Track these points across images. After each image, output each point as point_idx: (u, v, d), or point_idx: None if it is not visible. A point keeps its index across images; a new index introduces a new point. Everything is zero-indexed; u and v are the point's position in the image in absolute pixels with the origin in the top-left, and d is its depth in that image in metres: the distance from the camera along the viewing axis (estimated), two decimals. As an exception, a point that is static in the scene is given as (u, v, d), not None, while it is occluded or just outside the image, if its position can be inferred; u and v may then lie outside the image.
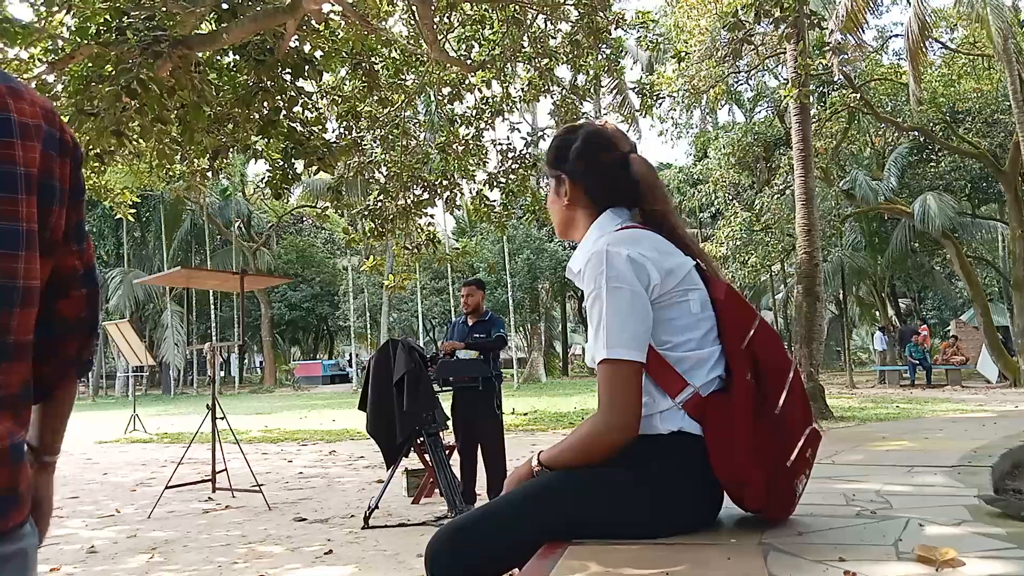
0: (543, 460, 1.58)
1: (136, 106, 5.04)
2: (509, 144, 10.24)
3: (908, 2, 15.51)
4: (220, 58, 6.99)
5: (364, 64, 7.98)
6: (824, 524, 1.70)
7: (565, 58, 8.87)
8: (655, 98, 10.13)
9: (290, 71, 6.26)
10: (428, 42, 7.75)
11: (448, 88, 9.51)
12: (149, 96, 4.89)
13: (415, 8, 7.76)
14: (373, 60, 8.32)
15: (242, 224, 32.55)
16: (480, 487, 5.54)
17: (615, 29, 8.66)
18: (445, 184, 10.12)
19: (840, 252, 21.52)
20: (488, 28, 8.81)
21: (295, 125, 6.79)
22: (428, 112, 15.65)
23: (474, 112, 9.86)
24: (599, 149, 1.67)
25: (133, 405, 13.70)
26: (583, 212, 1.69)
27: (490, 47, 8.77)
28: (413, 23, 8.75)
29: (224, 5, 5.81)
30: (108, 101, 4.93)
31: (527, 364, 28.17)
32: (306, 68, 6.23)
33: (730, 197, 21.05)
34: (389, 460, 5.43)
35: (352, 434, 10.94)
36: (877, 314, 28.08)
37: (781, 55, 14.31)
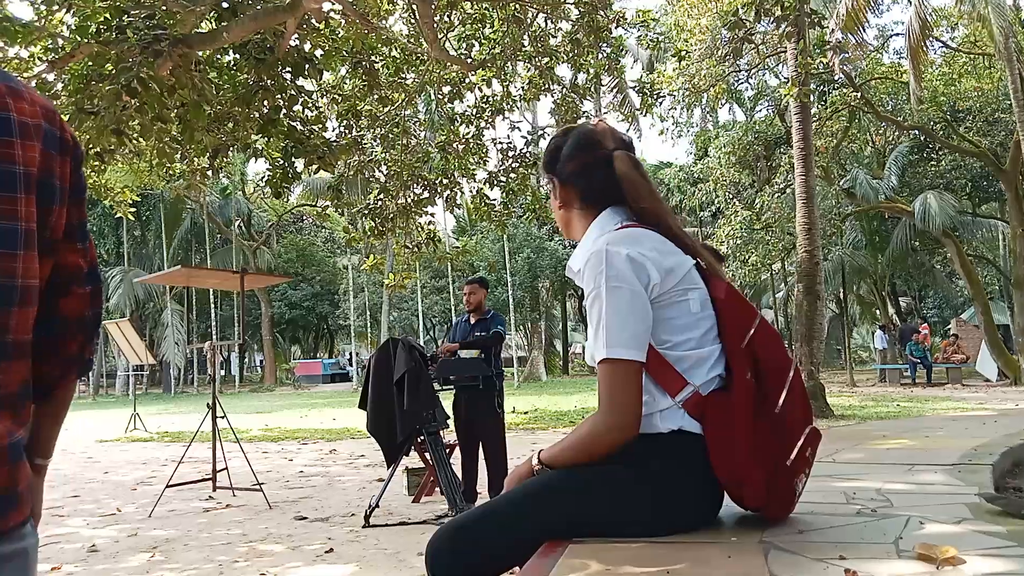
0: (543, 459, 1.58)
1: (136, 105, 5.04)
2: (509, 143, 10.24)
3: (909, 1, 15.51)
4: (220, 57, 6.98)
5: (364, 63, 7.98)
6: (825, 522, 1.70)
7: (565, 57, 8.86)
8: (655, 97, 10.11)
9: (290, 70, 6.25)
10: (428, 41, 7.75)
11: (448, 87, 9.51)
12: (149, 95, 4.88)
13: (415, 7, 7.75)
14: (373, 59, 8.32)
15: (242, 223, 32.55)
16: (481, 486, 5.54)
17: (616, 28, 8.65)
18: (445, 183, 10.12)
19: (841, 251, 21.52)
20: (488, 27, 8.81)
21: (295, 124, 6.79)
22: (428, 111, 15.65)
23: (474, 111, 9.85)
24: (585, 150, 1.68)
25: (134, 404, 13.70)
26: (578, 213, 1.70)
27: (490, 46, 8.77)
28: (413, 22, 8.75)
29: (224, 4, 5.80)
30: (108, 100, 4.93)
31: (527, 363, 28.18)
32: (306, 67, 6.23)
33: (730, 196, 21.03)
34: (390, 459, 5.43)
35: (352, 433, 10.95)
36: (878, 313, 28.06)
37: (782, 54, 14.29)
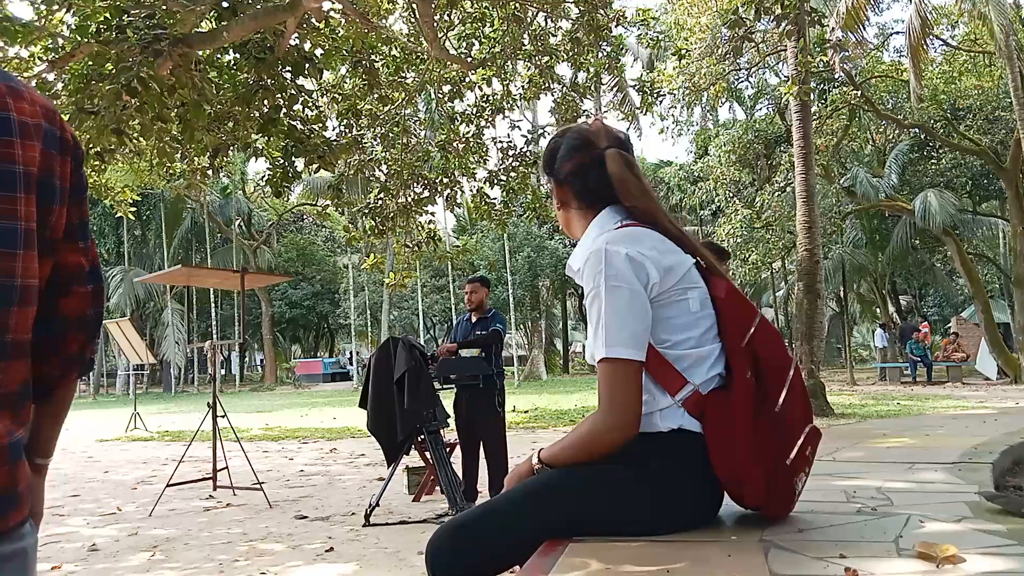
0: (543, 458, 1.58)
1: (136, 104, 5.03)
2: (510, 142, 10.23)
3: (909, -1, 15.49)
4: (220, 56, 6.98)
5: (364, 62, 7.97)
6: (825, 521, 1.70)
7: (566, 56, 8.85)
8: (656, 95, 10.10)
9: (290, 69, 6.25)
10: (428, 40, 7.74)
11: (448, 86, 9.50)
12: (149, 94, 4.88)
13: (415, 6, 7.75)
14: (373, 58, 8.31)
15: (242, 222, 32.55)
16: (481, 484, 5.54)
17: (616, 27, 8.64)
18: (445, 182, 10.12)
19: (841, 249, 21.52)
20: (488, 26, 8.80)
21: (295, 123, 6.78)
22: (428, 110, 15.64)
23: (474, 110, 9.84)
24: (579, 150, 1.69)
25: (134, 403, 13.72)
26: (576, 213, 1.71)
27: (490, 45, 8.76)
28: (413, 21, 8.74)
29: (224, 3, 5.80)
30: (108, 99, 4.93)
31: (528, 362, 28.18)
32: (306, 66, 6.22)
33: (731, 194, 21.03)
34: (390, 458, 5.44)
35: (353, 432, 10.95)
36: (878, 311, 28.07)
37: (782, 52, 14.28)
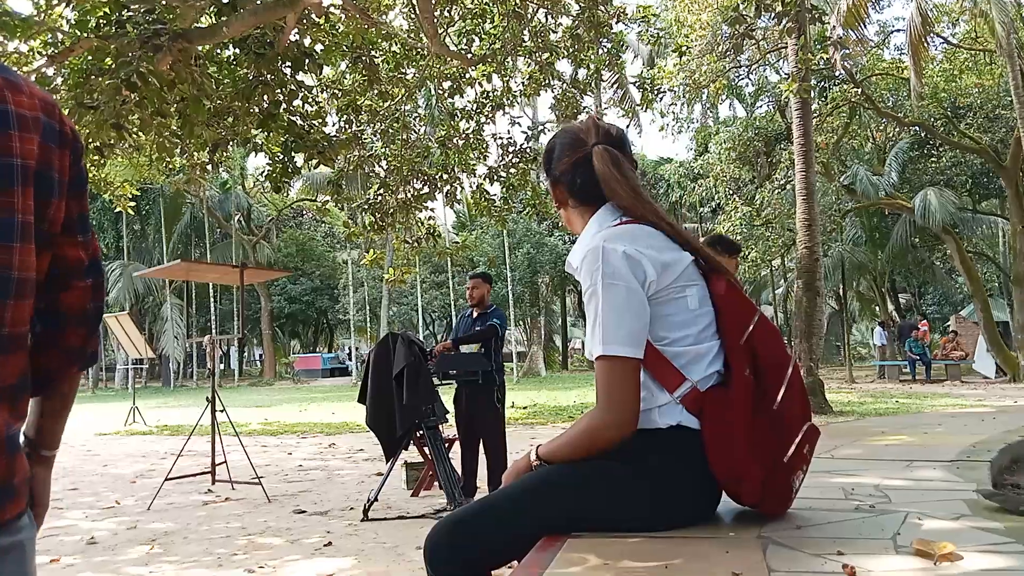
0: (541, 454, 1.58)
1: (136, 99, 5.03)
2: (509, 138, 10.23)
3: (910, -4, 15.45)
4: (220, 52, 6.96)
5: (364, 58, 7.95)
6: (823, 518, 1.71)
7: (566, 52, 8.84)
8: (656, 92, 10.09)
9: (290, 65, 6.24)
10: (428, 36, 7.73)
11: (448, 82, 9.49)
12: (149, 89, 4.87)
13: (415, 2, 7.73)
14: (373, 54, 8.29)
15: (242, 217, 32.52)
16: (481, 480, 5.54)
17: (616, 23, 8.63)
18: (445, 178, 10.11)
19: (840, 247, 21.51)
20: (489, 22, 8.78)
21: (295, 119, 6.76)
22: (428, 106, 15.61)
23: (474, 106, 9.84)
24: (571, 148, 1.69)
25: (133, 397, 13.72)
26: (575, 211, 1.72)
27: (491, 41, 8.74)
28: (413, 17, 8.73)
29: (224, -2, 5.78)
30: (108, 94, 4.92)
31: (527, 358, 28.19)
32: (306, 62, 6.21)
33: (730, 192, 21.03)
34: (388, 453, 5.44)
35: (352, 427, 10.96)
36: (877, 309, 28.08)
37: (782, 50, 14.26)
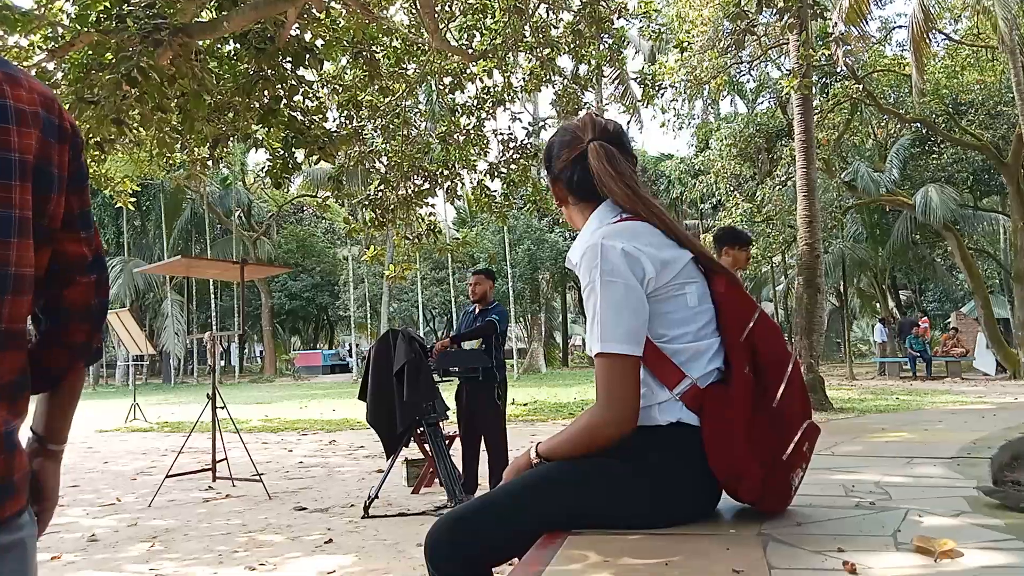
0: (541, 452, 1.58)
1: (136, 94, 5.02)
2: (510, 134, 10.22)
3: (912, -7, 15.41)
4: (221, 46, 6.95)
5: (365, 53, 7.94)
6: (823, 515, 1.70)
7: (567, 48, 8.82)
8: (657, 88, 10.07)
9: (291, 60, 6.23)
10: (429, 31, 7.72)
11: (449, 77, 9.47)
12: (149, 84, 4.86)
13: (416, -3, 7.72)
14: (374, 49, 8.28)
15: (242, 213, 32.49)
16: (483, 476, 5.54)
17: (617, 19, 8.61)
18: (446, 174, 10.10)
19: (841, 244, 21.49)
20: (490, 17, 8.76)
21: (296, 114, 6.76)
22: (429, 101, 15.60)
23: (475, 102, 9.82)
24: (569, 145, 1.70)
25: (133, 394, 13.72)
26: (575, 208, 1.72)
27: (491, 36, 8.73)
28: (414, 12, 8.71)
29: (224, -7, 5.77)
30: (108, 89, 4.91)
31: (527, 354, 28.19)
32: (307, 57, 6.20)
33: (731, 188, 21.00)
34: (389, 450, 5.44)
35: (352, 424, 10.97)
36: (878, 306, 28.07)
37: (784, 46, 14.24)
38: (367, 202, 9.95)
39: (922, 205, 17.51)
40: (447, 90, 9.63)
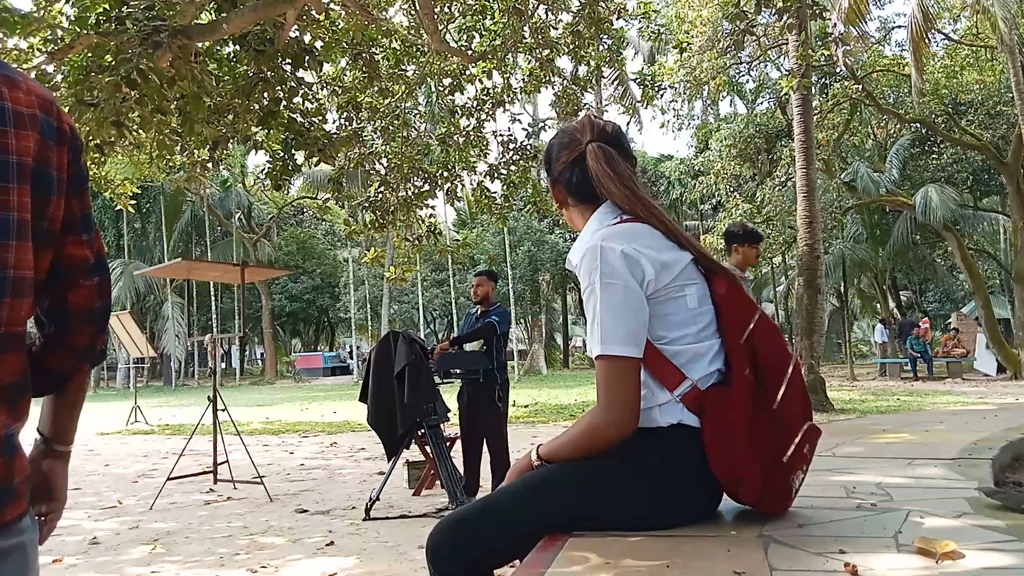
0: (542, 454, 1.58)
1: (136, 96, 5.02)
2: (510, 135, 10.22)
3: (911, -7, 15.40)
4: (220, 48, 6.95)
5: (364, 54, 7.94)
6: (824, 516, 1.70)
7: (566, 49, 8.83)
8: (656, 89, 10.08)
9: (290, 61, 6.23)
10: (429, 32, 7.72)
11: (449, 79, 9.48)
12: (149, 86, 4.87)
13: (416, -2, 7.72)
14: (373, 50, 8.28)
15: (242, 215, 32.51)
16: (486, 479, 5.53)
17: (616, 20, 8.62)
18: (446, 175, 10.10)
19: (841, 244, 21.49)
20: (489, 18, 8.76)
21: (295, 116, 6.76)
22: (429, 103, 15.61)
23: (475, 103, 9.82)
24: (568, 147, 1.70)
25: (134, 396, 13.73)
26: (575, 210, 1.72)
27: (491, 37, 8.73)
28: (413, 13, 8.72)
29: (224, -5, 5.77)
30: (108, 91, 4.91)
31: (528, 356, 28.19)
32: (306, 58, 6.20)
33: (731, 189, 21.01)
34: (390, 452, 5.44)
35: (353, 426, 10.96)
36: (878, 306, 28.05)
37: (783, 46, 14.24)
38: (367, 204, 9.95)
39: (922, 205, 17.51)
40: (447, 91, 9.63)
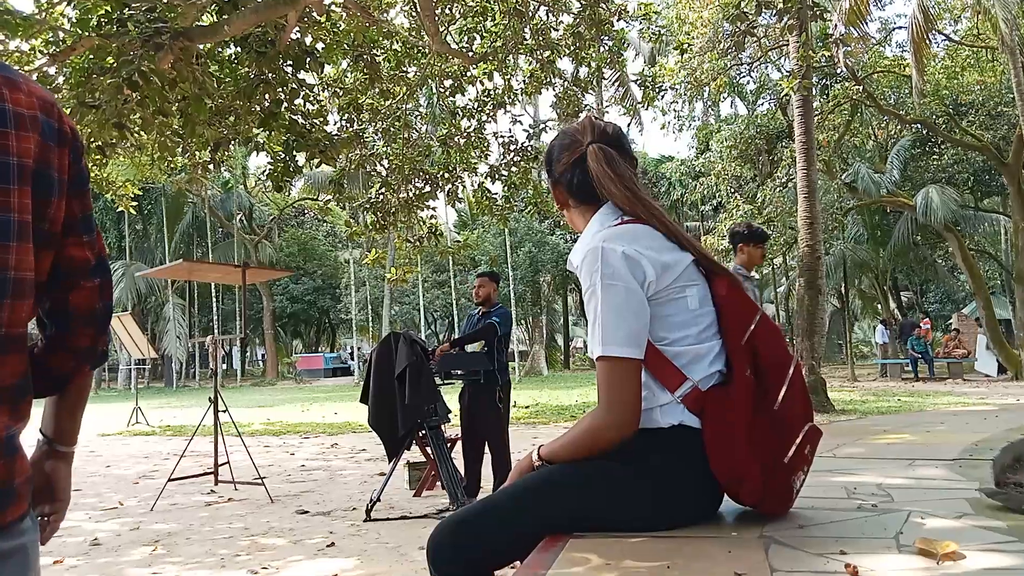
0: (543, 455, 1.58)
1: (137, 98, 5.03)
2: (511, 136, 10.23)
3: (912, -6, 15.41)
4: (221, 50, 6.96)
5: (365, 56, 7.95)
6: (825, 517, 1.70)
7: (567, 50, 8.83)
8: (657, 90, 10.07)
9: (291, 63, 6.24)
10: (430, 34, 7.73)
11: (450, 80, 9.48)
12: (150, 88, 4.87)
13: (416, 0, 7.73)
14: (374, 52, 8.29)
15: (244, 217, 32.54)
16: (487, 479, 5.53)
17: (617, 21, 8.62)
18: (447, 177, 10.10)
19: (842, 245, 21.48)
20: (490, 20, 8.76)
21: (296, 117, 6.76)
22: (430, 104, 15.61)
23: (476, 104, 9.82)
24: (568, 149, 1.70)
25: (135, 398, 13.74)
26: (576, 211, 1.72)
27: (492, 39, 8.73)
28: (414, 15, 8.72)
29: (225, -3, 5.78)
30: (109, 93, 4.92)
31: (528, 357, 28.18)
32: (307, 60, 6.21)
33: (732, 190, 21.01)
34: (391, 453, 5.44)
35: (354, 427, 10.97)
36: (879, 307, 28.03)
37: (784, 47, 14.25)
38: (368, 205, 9.96)
39: (923, 206, 17.50)
40: (447, 93, 9.63)
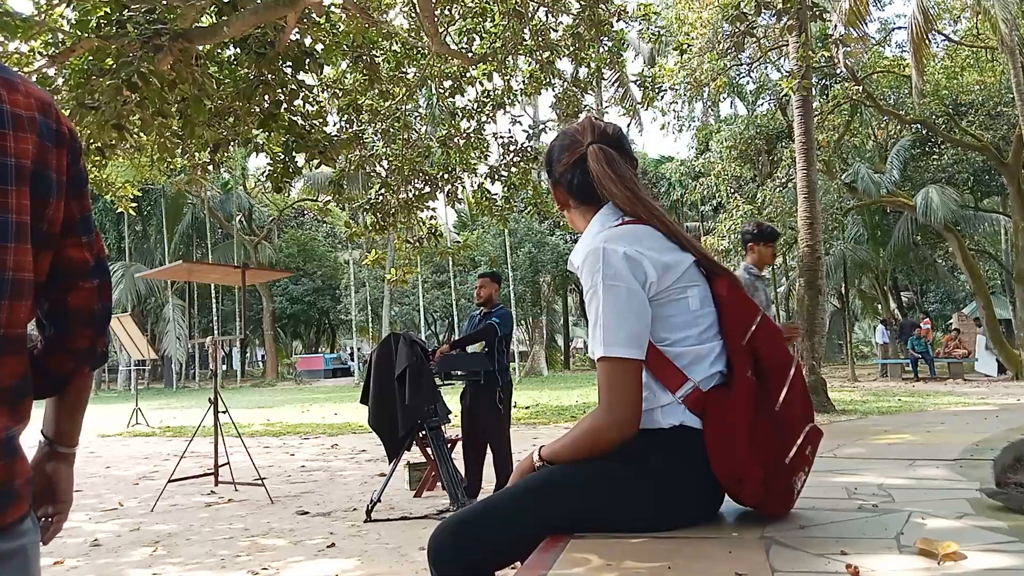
0: (544, 455, 1.58)
1: (137, 99, 5.03)
2: (511, 137, 10.22)
3: (911, -6, 15.41)
4: (221, 51, 6.96)
5: (365, 57, 7.95)
6: (826, 518, 1.70)
7: (567, 51, 8.83)
8: (657, 91, 10.07)
9: (291, 64, 6.24)
10: (429, 35, 7.73)
11: (449, 81, 9.48)
12: (150, 89, 4.87)
13: (416, 1, 7.73)
14: (374, 53, 8.28)
15: (243, 218, 32.54)
16: (489, 480, 5.53)
17: (617, 22, 8.62)
18: (446, 177, 10.10)
19: (842, 245, 21.48)
20: (489, 21, 8.76)
21: (296, 118, 6.76)
22: (429, 105, 15.60)
23: (475, 105, 9.82)
24: (568, 149, 1.70)
25: (135, 399, 13.74)
26: (576, 212, 1.72)
27: (491, 40, 8.73)
28: (414, 16, 8.72)
29: (224, -2, 5.78)
30: (109, 95, 4.92)
31: (529, 357, 28.18)
32: (307, 61, 6.21)
33: (732, 190, 21.00)
34: (391, 453, 5.44)
35: (354, 428, 10.96)
36: (879, 307, 28.03)
37: (783, 47, 14.25)
38: (368, 206, 9.95)
39: (923, 206, 17.50)
40: (447, 94, 9.63)
